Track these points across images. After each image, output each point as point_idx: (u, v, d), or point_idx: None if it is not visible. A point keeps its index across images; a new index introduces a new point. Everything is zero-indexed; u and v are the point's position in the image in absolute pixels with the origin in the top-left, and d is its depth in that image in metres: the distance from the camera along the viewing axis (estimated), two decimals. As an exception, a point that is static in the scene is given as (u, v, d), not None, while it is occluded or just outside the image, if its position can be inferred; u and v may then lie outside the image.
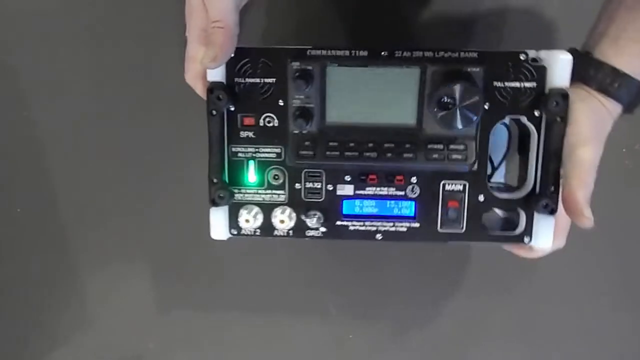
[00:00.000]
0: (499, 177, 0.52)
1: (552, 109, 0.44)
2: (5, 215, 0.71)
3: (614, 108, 0.45)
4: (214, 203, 0.47)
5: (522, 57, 0.44)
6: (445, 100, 0.43)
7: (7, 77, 0.69)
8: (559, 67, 0.44)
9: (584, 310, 0.72)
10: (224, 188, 0.47)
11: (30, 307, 0.73)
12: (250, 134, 0.47)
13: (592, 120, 0.44)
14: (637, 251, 0.72)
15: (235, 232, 0.49)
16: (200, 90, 0.46)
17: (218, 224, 0.48)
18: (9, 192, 0.71)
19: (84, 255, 0.72)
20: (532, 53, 0.45)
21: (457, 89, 0.42)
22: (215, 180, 0.47)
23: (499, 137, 0.50)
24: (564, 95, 0.44)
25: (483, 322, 0.73)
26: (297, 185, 0.48)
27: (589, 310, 0.72)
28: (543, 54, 0.45)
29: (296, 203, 0.48)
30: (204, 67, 0.43)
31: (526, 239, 0.47)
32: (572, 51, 0.46)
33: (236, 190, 0.48)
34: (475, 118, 0.43)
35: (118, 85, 0.68)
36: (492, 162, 0.50)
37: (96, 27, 0.68)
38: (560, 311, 0.72)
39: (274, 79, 0.46)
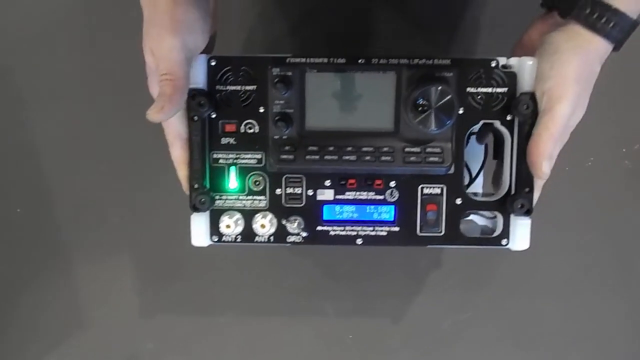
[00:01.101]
0: (477, 188, 0.53)
1: (524, 112, 0.45)
2: (4, 215, 0.72)
3: (604, 48, 0.44)
4: (195, 209, 0.47)
5: (493, 64, 0.46)
6: (421, 102, 0.44)
7: (7, 78, 0.69)
8: (528, 72, 0.45)
9: (583, 312, 0.72)
10: (205, 193, 0.47)
11: (29, 307, 0.73)
12: (231, 141, 0.48)
13: (579, 63, 0.43)
14: (637, 251, 0.71)
15: (217, 239, 0.49)
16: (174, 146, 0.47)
17: (199, 231, 0.49)
18: (8, 192, 0.72)
19: (83, 255, 0.72)
20: (502, 60, 0.46)
21: (432, 90, 0.43)
22: (196, 186, 0.47)
23: (476, 148, 0.51)
24: (533, 99, 0.45)
25: (482, 322, 0.72)
26: (278, 191, 0.48)
27: (588, 311, 0.72)
28: (512, 61, 0.46)
29: (277, 208, 0.48)
30: (151, 119, 0.42)
31: (504, 242, 0.48)
32: None
33: (217, 197, 0.48)
34: (450, 119, 0.44)
35: (116, 86, 0.68)
36: (470, 172, 0.51)
37: (95, 27, 0.69)
38: (559, 312, 0.72)
39: (255, 87, 0.47)
